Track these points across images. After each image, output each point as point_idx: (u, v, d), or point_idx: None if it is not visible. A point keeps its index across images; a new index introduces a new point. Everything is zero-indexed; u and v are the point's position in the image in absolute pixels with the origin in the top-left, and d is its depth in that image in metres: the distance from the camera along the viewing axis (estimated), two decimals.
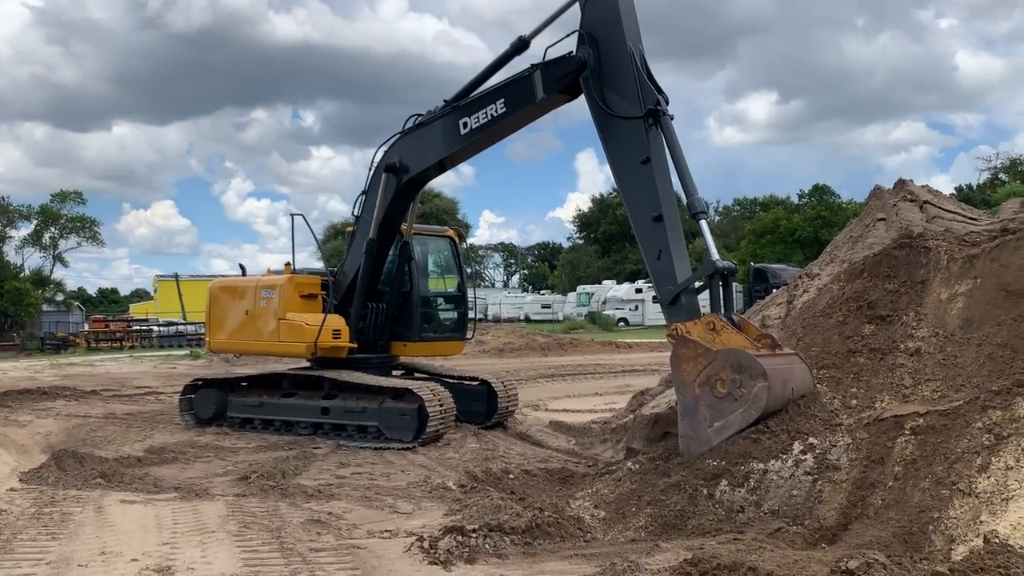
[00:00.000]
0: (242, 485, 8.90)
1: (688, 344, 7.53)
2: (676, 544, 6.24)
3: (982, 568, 4.96)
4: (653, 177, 8.35)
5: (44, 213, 55.30)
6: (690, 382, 7.38)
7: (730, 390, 7.11)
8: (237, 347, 13.70)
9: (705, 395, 7.26)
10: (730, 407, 7.08)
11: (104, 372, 25.32)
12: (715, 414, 7.15)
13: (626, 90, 8.76)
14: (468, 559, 5.95)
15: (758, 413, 6.94)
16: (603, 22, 9.09)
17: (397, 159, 11.54)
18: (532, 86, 9.84)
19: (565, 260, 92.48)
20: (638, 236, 8.53)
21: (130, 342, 42.84)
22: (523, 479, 9.07)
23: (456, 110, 10.78)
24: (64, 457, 9.82)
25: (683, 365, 7.46)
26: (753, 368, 7.03)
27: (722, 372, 7.18)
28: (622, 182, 8.80)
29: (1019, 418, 6.02)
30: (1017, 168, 43.05)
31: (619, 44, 8.90)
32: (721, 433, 7.06)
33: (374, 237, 11.93)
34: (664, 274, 8.15)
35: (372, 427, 11.66)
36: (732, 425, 7.03)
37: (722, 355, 7.26)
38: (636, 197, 8.53)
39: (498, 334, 34.50)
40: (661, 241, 8.21)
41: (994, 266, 8.25)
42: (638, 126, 8.55)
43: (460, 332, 13.82)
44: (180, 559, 6.12)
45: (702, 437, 7.17)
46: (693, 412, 7.30)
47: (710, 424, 7.15)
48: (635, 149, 8.53)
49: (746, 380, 7.04)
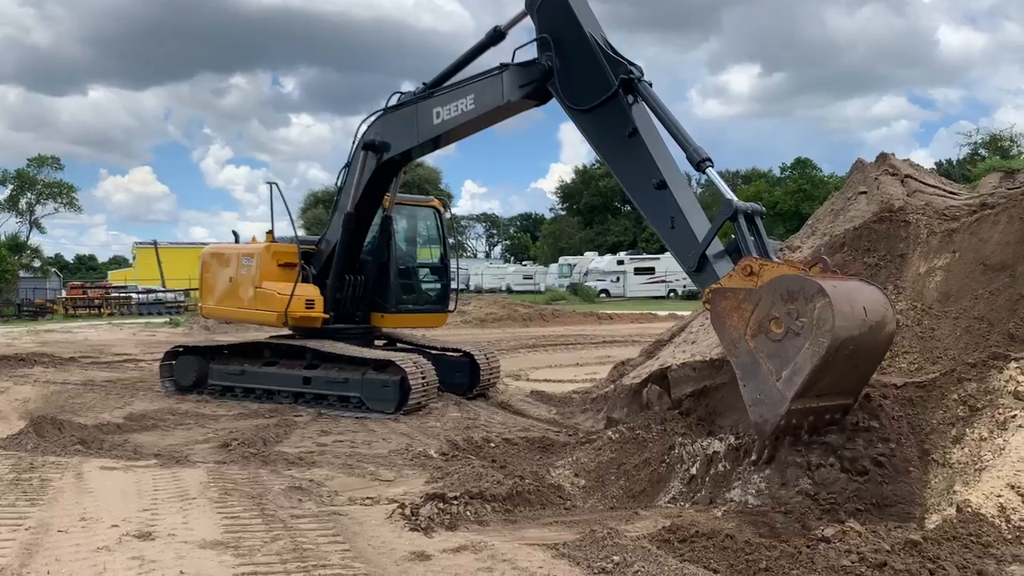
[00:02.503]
0: (223, 452, 8.89)
1: (727, 295, 6.44)
2: (655, 512, 6.32)
3: (955, 536, 5.06)
4: (644, 146, 7.80)
5: (20, 178, 54.53)
6: (740, 336, 6.24)
7: (787, 326, 5.93)
8: (223, 313, 13.82)
9: (761, 344, 6.08)
10: (794, 345, 5.87)
11: (83, 339, 25.15)
12: (779, 362, 5.94)
13: (595, 77, 8.35)
14: (449, 526, 5.99)
15: (829, 340, 5.69)
16: (558, 21, 8.82)
17: (377, 138, 11.45)
18: (499, 87, 9.67)
19: (547, 231, 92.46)
20: (645, 212, 7.93)
21: (108, 309, 42.53)
22: (504, 448, 9.12)
23: (431, 97, 10.67)
24: (43, 423, 9.77)
25: (727, 320, 6.38)
26: (806, 288, 5.89)
27: (773, 309, 6.04)
28: (615, 163, 8.26)
29: (993, 390, 6.11)
30: (997, 143, 43.34)
31: (578, 36, 8.59)
32: (793, 381, 5.83)
33: (352, 211, 11.87)
34: (682, 239, 7.31)
35: (354, 398, 11.68)
36: (803, 366, 5.79)
37: (767, 289, 6.15)
38: (632, 172, 7.94)
39: (480, 304, 34.51)
40: (670, 207, 7.47)
41: (973, 240, 8.32)
42: (616, 104, 8.11)
43: (442, 304, 13.78)
44: (161, 525, 6.11)
45: (773, 396, 5.94)
46: (754, 371, 6.11)
47: (777, 376, 5.93)
48: (618, 126, 8.07)
49: (802, 306, 5.86)
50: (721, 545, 5.19)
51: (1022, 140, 44.96)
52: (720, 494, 6.38)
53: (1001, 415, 5.93)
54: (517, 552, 5.40)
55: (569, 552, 5.31)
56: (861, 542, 4.95)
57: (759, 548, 5.13)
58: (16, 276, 50.84)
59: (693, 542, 5.27)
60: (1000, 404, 6.00)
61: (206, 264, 13.67)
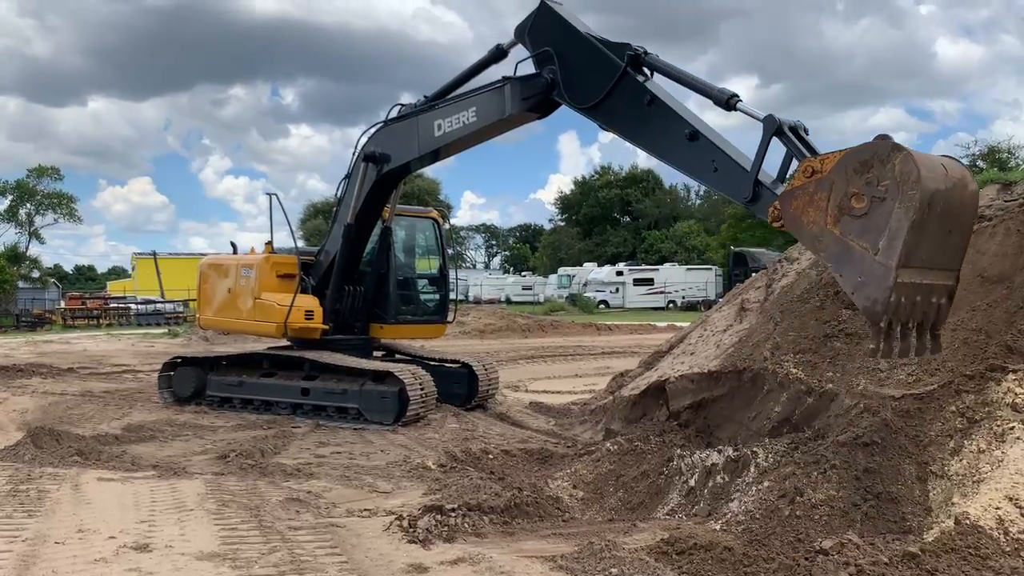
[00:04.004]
0: (221, 463, 8.88)
1: (796, 194, 6.10)
2: (653, 524, 6.31)
3: (953, 548, 5.05)
4: (666, 106, 7.73)
5: (20, 189, 54.52)
6: (822, 227, 5.86)
7: (869, 195, 5.58)
8: (222, 324, 13.78)
9: (847, 226, 5.70)
10: (882, 211, 5.52)
11: (81, 350, 25.12)
12: (872, 235, 5.56)
13: (601, 67, 8.34)
14: (447, 538, 5.98)
15: (919, 190, 5.33)
16: (551, 35, 8.88)
17: (377, 150, 11.47)
18: (502, 100, 9.70)
19: (546, 242, 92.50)
20: (684, 169, 7.77)
21: (107, 320, 42.48)
22: (502, 459, 9.11)
23: (433, 109, 10.70)
24: (40, 434, 9.75)
25: (804, 218, 6.01)
26: (879, 150, 5.58)
27: (849, 186, 5.72)
28: (641, 136, 8.12)
29: (991, 402, 6.11)
30: (995, 155, 43.42)
31: (574, 38, 8.66)
32: (892, 247, 5.46)
33: (352, 222, 11.89)
34: (730, 177, 7.04)
35: (352, 409, 11.67)
36: (899, 227, 5.42)
37: (836, 169, 5.82)
38: (661, 136, 7.79)
39: (479, 315, 34.48)
40: (709, 152, 7.27)
41: (970, 252, 8.31)
42: (627, 81, 8.07)
43: (441, 315, 13.77)
44: (158, 536, 6.10)
45: (876, 271, 5.55)
46: (847, 255, 5.72)
47: (874, 250, 5.55)
48: (636, 101, 7.99)
49: (880, 169, 5.53)
50: (719, 557, 5.19)
51: (1020, 152, 45.07)
52: (718, 506, 6.37)
53: (999, 427, 5.93)
54: (515, 564, 5.40)
55: (567, 564, 5.30)
56: (859, 554, 4.95)
57: (757, 560, 5.13)
58: (15, 286, 50.69)
59: (691, 554, 5.27)
60: (998, 416, 6.00)
61: (204, 275, 13.64)
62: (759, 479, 6.30)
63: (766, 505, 6.03)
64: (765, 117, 6.75)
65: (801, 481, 6.07)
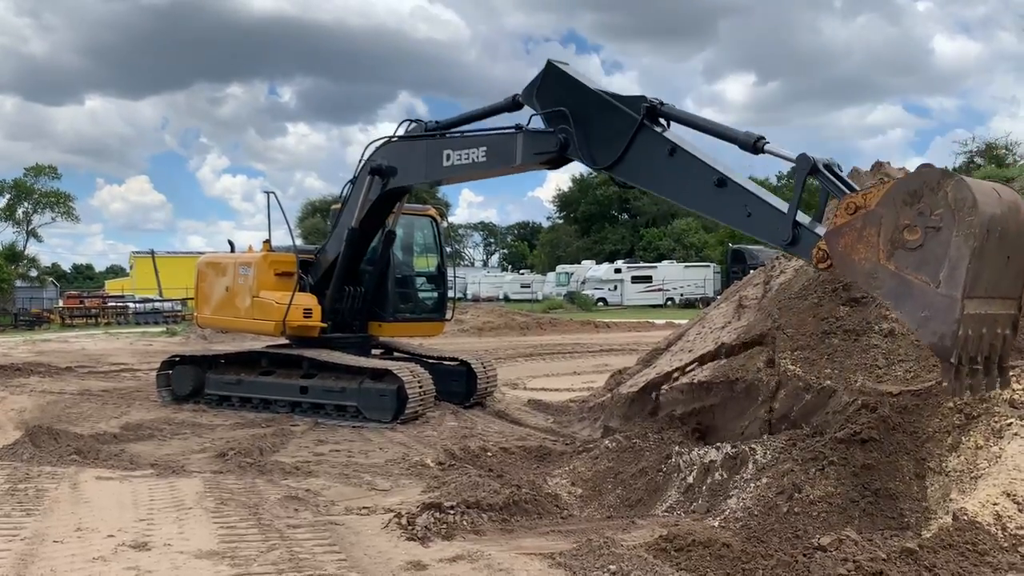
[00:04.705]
0: (219, 462, 8.88)
1: (842, 232, 5.83)
2: (651, 521, 6.32)
3: (951, 544, 5.07)
4: (689, 154, 7.47)
5: (18, 187, 54.48)
6: (875, 263, 5.61)
7: (923, 226, 5.34)
8: (220, 323, 13.74)
9: (903, 259, 5.45)
10: (939, 241, 5.29)
11: (79, 348, 25.11)
12: (931, 267, 5.33)
13: (616, 123, 8.06)
14: (446, 535, 5.98)
15: (977, 217, 5.12)
16: (560, 94, 8.66)
17: (384, 163, 11.42)
18: (513, 149, 9.53)
19: (545, 240, 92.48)
20: (714, 215, 7.54)
21: (105, 319, 42.45)
22: (501, 457, 9.12)
23: (443, 138, 10.63)
24: (38, 433, 9.74)
25: (854, 256, 5.76)
26: (929, 178, 5.39)
27: (900, 218, 5.48)
28: (666, 186, 7.86)
29: (989, 398, 6.11)
30: (992, 152, 43.44)
31: (585, 96, 8.42)
32: (955, 277, 5.22)
33: (356, 227, 11.88)
34: (766, 220, 6.79)
35: (351, 407, 11.67)
36: (960, 256, 5.20)
37: (884, 202, 5.57)
38: (686, 184, 7.53)
39: (477, 313, 34.51)
40: (740, 197, 7.02)
41: None
42: (646, 134, 7.83)
43: (439, 313, 13.78)
44: (157, 535, 6.10)
45: (939, 304, 5.28)
46: (907, 291, 5.46)
47: (935, 283, 5.31)
48: (657, 152, 7.74)
49: (931, 198, 5.31)
50: (717, 554, 5.20)
51: (1017, 149, 45.11)
52: (717, 503, 6.38)
53: (997, 423, 5.94)
54: (514, 562, 5.40)
55: (566, 561, 5.31)
56: (857, 550, 4.96)
57: (755, 557, 5.13)
58: (12, 286, 50.70)
59: (690, 551, 5.28)
60: (996, 412, 6.01)
61: (202, 273, 13.60)
62: (757, 476, 6.31)
63: (764, 502, 6.04)
64: (798, 157, 6.55)
65: (799, 478, 6.08)
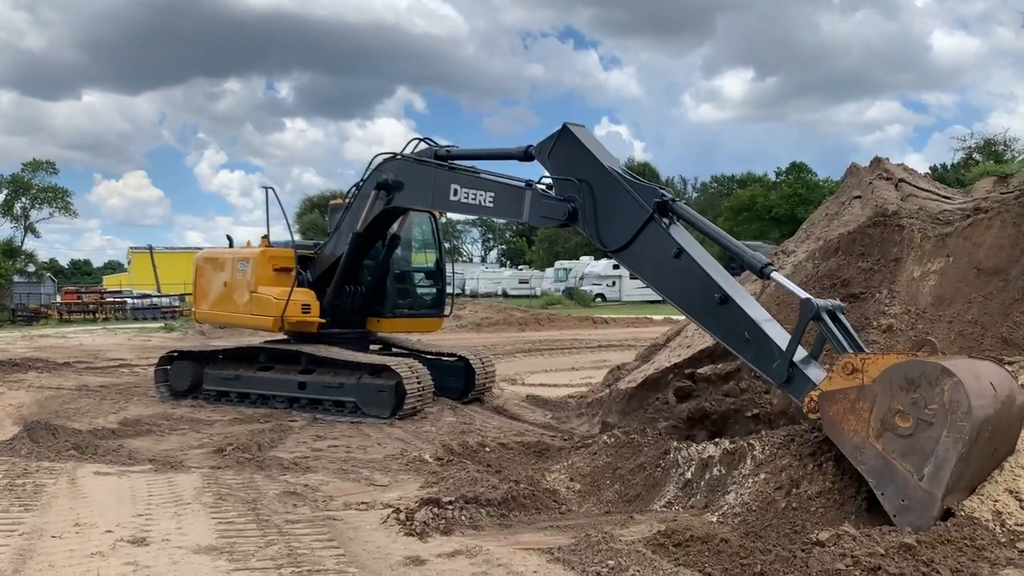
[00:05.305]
0: (217, 457, 8.87)
1: (836, 398, 5.89)
2: (650, 516, 6.32)
3: (949, 540, 5.08)
4: (695, 262, 7.27)
5: (15, 182, 54.37)
6: (863, 440, 5.66)
7: (916, 417, 5.42)
8: (218, 318, 13.72)
9: (890, 443, 5.52)
10: (929, 436, 5.35)
11: (77, 344, 25.10)
12: (917, 459, 5.40)
13: (626, 209, 7.91)
14: (444, 530, 5.98)
15: (969, 423, 5.19)
16: (572, 162, 8.52)
17: (390, 179, 11.37)
18: (521, 203, 9.39)
19: (543, 236, 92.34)
20: (712, 332, 7.34)
21: (103, 314, 42.42)
22: (499, 452, 9.11)
23: (453, 171, 10.53)
24: (36, 429, 9.74)
25: (844, 426, 5.80)
26: (928, 371, 5.43)
27: (894, 402, 5.54)
28: (667, 288, 7.64)
29: None
30: (991, 148, 43.51)
31: (598, 172, 8.24)
32: (939, 477, 5.28)
33: (360, 232, 11.87)
34: (762, 354, 6.68)
35: (349, 402, 11.67)
36: (947, 457, 5.25)
37: (881, 381, 5.64)
38: (688, 293, 7.39)
39: (476, 309, 34.52)
40: (740, 321, 6.86)
41: (966, 245, 8.37)
42: (654, 229, 7.64)
43: (437, 308, 13.78)
44: (155, 530, 6.10)
45: (919, 498, 5.35)
46: (890, 475, 5.51)
47: (919, 475, 5.37)
48: (661, 250, 7.55)
49: (927, 391, 5.38)
50: (716, 549, 5.20)
51: (1015, 144, 45.16)
52: (715, 498, 6.39)
53: None
54: (512, 557, 5.41)
55: (564, 557, 5.31)
56: (855, 546, 4.97)
57: (754, 552, 5.14)
58: (10, 281, 50.64)
59: (688, 546, 5.28)
60: None
61: (200, 269, 13.59)
62: (755, 471, 6.32)
63: (763, 497, 6.05)
64: (803, 301, 6.50)
65: (797, 473, 6.09)
